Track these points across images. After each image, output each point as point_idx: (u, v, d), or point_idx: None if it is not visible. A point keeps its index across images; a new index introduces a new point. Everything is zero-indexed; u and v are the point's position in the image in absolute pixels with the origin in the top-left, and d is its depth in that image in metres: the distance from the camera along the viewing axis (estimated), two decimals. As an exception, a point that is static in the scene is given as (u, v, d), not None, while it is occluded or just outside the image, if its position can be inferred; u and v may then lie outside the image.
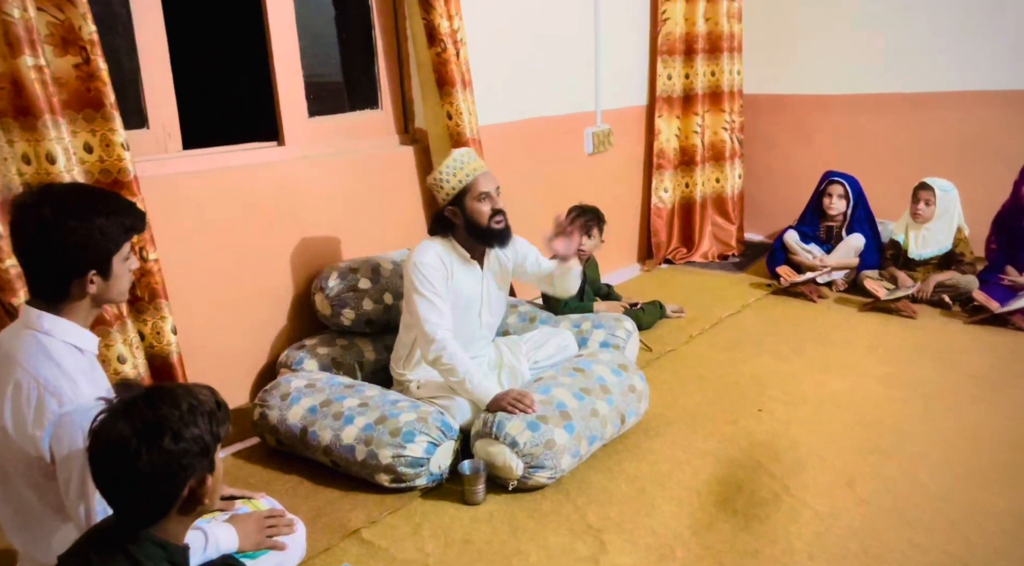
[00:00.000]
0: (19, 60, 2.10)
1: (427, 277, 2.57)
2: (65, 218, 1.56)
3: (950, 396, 2.97)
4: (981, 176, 4.33)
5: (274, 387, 2.69)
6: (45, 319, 1.62)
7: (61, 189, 1.69)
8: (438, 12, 3.12)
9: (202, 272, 2.78)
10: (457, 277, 2.66)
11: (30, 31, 2.13)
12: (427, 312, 2.55)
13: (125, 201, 1.70)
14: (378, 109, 3.45)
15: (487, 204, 2.60)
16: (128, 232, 1.66)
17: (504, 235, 2.66)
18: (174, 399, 1.33)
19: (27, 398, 1.55)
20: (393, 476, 2.38)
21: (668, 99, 4.67)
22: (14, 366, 1.59)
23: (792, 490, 2.37)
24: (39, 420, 1.54)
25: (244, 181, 2.90)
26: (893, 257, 4.17)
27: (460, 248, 2.67)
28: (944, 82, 4.54)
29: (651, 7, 4.59)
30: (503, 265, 2.81)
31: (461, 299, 2.68)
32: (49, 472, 1.58)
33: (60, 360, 1.59)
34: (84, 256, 1.59)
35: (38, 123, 2.16)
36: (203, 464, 1.34)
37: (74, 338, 1.64)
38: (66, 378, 1.57)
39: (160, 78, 2.72)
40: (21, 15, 2.10)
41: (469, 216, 2.60)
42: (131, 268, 1.72)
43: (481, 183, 2.60)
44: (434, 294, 2.57)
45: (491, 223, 2.61)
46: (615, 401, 2.62)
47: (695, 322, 3.86)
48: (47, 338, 1.61)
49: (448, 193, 2.61)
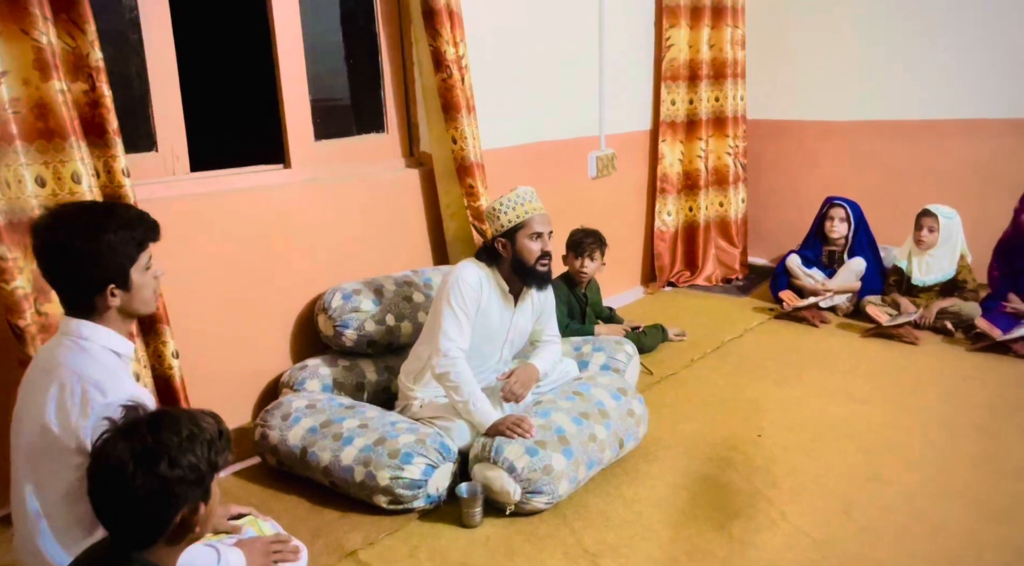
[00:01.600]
0: (49, 85, 2.17)
1: (463, 293, 2.60)
2: (75, 239, 1.63)
3: (951, 424, 2.97)
4: (984, 203, 4.34)
5: (275, 407, 2.72)
6: (84, 326, 1.69)
7: (71, 210, 1.74)
8: (444, 39, 3.17)
9: (207, 292, 2.82)
10: (489, 304, 2.68)
11: (55, 56, 2.20)
12: (450, 326, 2.58)
13: (135, 213, 1.75)
14: (384, 133, 3.50)
15: (538, 244, 2.65)
16: (141, 244, 1.72)
17: (546, 279, 2.71)
18: (176, 425, 1.34)
19: (71, 393, 1.61)
20: (391, 498, 2.39)
21: (672, 124, 4.71)
22: (57, 367, 1.65)
23: (789, 516, 2.37)
24: (84, 410, 1.59)
25: (250, 203, 2.94)
26: (896, 283, 4.18)
27: (501, 280, 2.71)
28: (946, 110, 4.56)
29: (655, 33, 4.65)
30: (534, 310, 2.84)
31: (487, 328, 2.70)
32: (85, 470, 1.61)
33: (101, 359, 1.67)
34: (99, 273, 1.66)
35: (65, 145, 2.22)
36: (197, 493, 1.35)
37: (112, 343, 1.71)
38: (109, 372, 1.64)
39: (169, 102, 2.77)
40: (48, 41, 2.17)
41: (518, 252, 2.64)
42: (156, 275, 1.79)
43: (537, 222, 2.65)
44: (463, 312, 2.60)
45: (537, 264, 2.65)
46: (614, 426, 2.63)
47: (697, 346, 3.87)
48: (86, 342, 1.68)
49: (503, 224, 2.65)
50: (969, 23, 4.40)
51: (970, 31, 4.41)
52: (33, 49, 2.15)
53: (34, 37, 2.14)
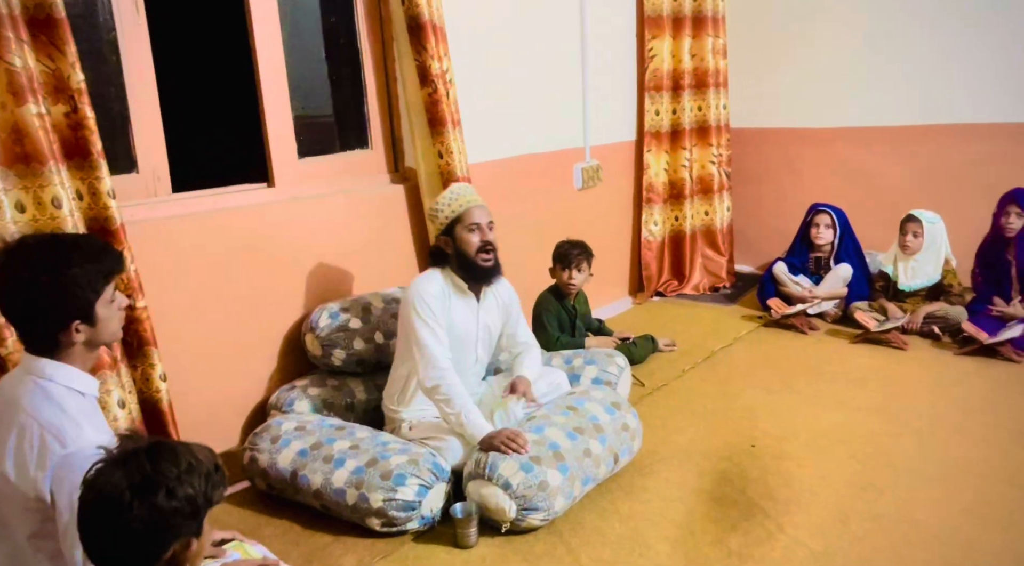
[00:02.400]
0: (23, 109, 2.12)
1: (429, 305, 2.59)
2: (39, 275, 1.56)
3: (942, 430, 2.97)
4: (965, 208, 4.37)
5: (264, 430, 2.67)
6: (46, 366, 1.63)
7: (33, 243, 1.66)
8: (429, 54, 3.16)
9: (192, 315, 2.77)
10: (454, 309, 2.68)
11: (31, 80, 2.16)
12: (429, 339, 2.56)
13: (98, 245, 1.70)
14: (368, 149, 3.48)
15: (477, 235, 2.64)
16: (107, 277, 1.67)
17: (490, 272, 2.69)
18: (174, 456, 1.31)
19: (30, 441, 1.55)
20: (384, 520, 2.36)
21: (656, 134, 4.72)
22: (17, 411, 1.59)
23: (786, 528, 2.36)
24: (42, 462, 1.54)
25: (234, 223, 2.90)
26: (883, 289, 4.20)
27: (457, 280, 2.70)
28: (928, 115, 4.61)
29: (638, 45, 4.67)
30: (499, 306, 2.82)
31: (456, 331, 2.69)
32: (48, 516, 1.57)
33: (62, 403, 1.60)
34: (64, 309, 1.60)
35: (44, 169, 2.17)
36: (191, 527, 1.32)
37: (75, 382, 1.65)
38: (69, 420, 1.58)
39: (149, 123, 2.73)
40: (23, 64, 2.13)
41: (459, 246, 2.65)
42: (120, 307, 1.72)
43: (474, 214, 2.65)
44: (435, 322, 2.59)
45: (478, 256, 2.64)
46: (608, 440, 2.61)
47: (687, 356, 3.87)
48: (48, 383, 1.62)
49: (442, 222, 2.67)
50: (948, 30, 4.45)
51: (950, 37, 4.46)
52: (6, 72, 2.10)
53: (7, 60, 2.10)
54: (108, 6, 2.61)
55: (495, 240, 2.69)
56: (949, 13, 4.44)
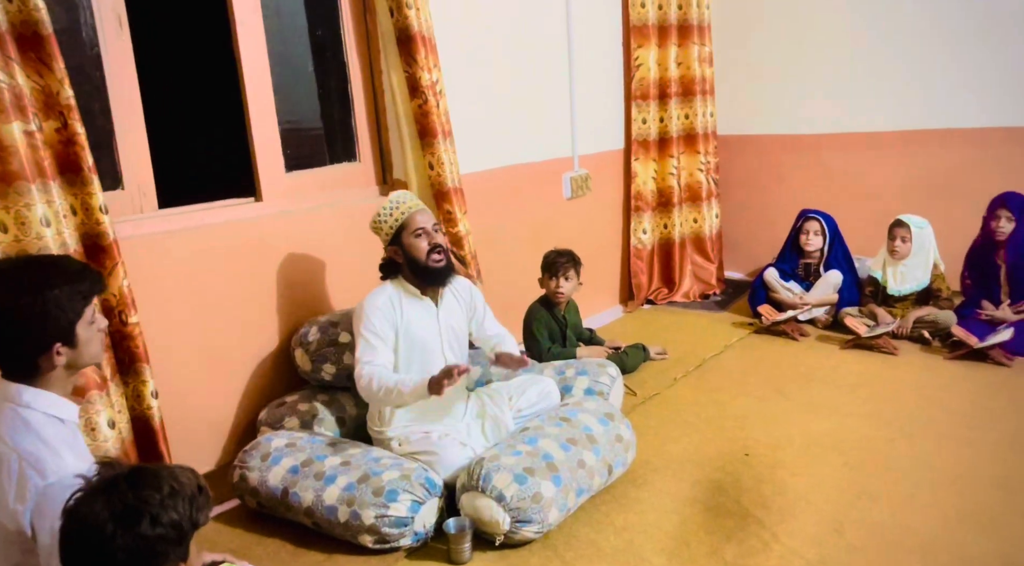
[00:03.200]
0: (8, 126, 2.10)
1: (368, 317, 2.60)
2: (19, 297, 1.54)
3: (934, 435, 2.97)
4: (952, 212, 4.40)
5: (254, 447, 2.64)
6: (24, 392, 1.59)
7: (9, 267, 1.64)
8: (419, 65, 3.15)
9: (180, 331, 2.75)
10: (409, 316, 2.67)
11: (19, 97, 2.13)
12: (362, 352, 2.58)
13: (77, 265, 1.68)
14: (356, 161, 3.47)
15: (424, 240, 2.64)
16: (87, 297, 1.64)
17: (443, 273, 2.69)
18: (156, 481, 1.29)
19: (8, 472, 1.52)
20: (377, 537, 2.33)
21: (644, 142, 4.73)
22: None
23: (781, 538, 2.35)
24: (21, 494, 1.51)
25: (222, 239, 2.88)
26: (872, 294, 4.21)
27: (409, 286, 2.70)
28: (913, 121, 4.64)
29: (624, 54, 4.68)
30: (460, 304, 2.82)
31: (417, 339, 2.67)
32: (29, 548, 1.54)
33: (41, 432, 1.57)
34: (44, 332, 1.57)
35: (31, 187, 2.14)
36: (177, 552, 1.30)
37: (54, 409, 1.62)
38: (48, 450, 1.55)
39: (134, 139, 2.71)
40: (9, 82, 2.10)
41: (408, 252, 2.65)
42: (100, 328, 1.70)
43: (418, 219, 2.66)
44: (371, 333, 2.59)
45: (429, 260, 2.64)
46: (602, 452, 2.59)
47: (679, 364, 3.86)
48: (27, 411, 1.58)
49: (388, 233, 2.68)
50: (935, 35, 4.49)
51: (936, 43, 4.50)
52: None
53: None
54: (91, 22, 2.59)
55: (444, 241, 2.70)
56: (934, 19, 4.47)
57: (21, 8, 2.14)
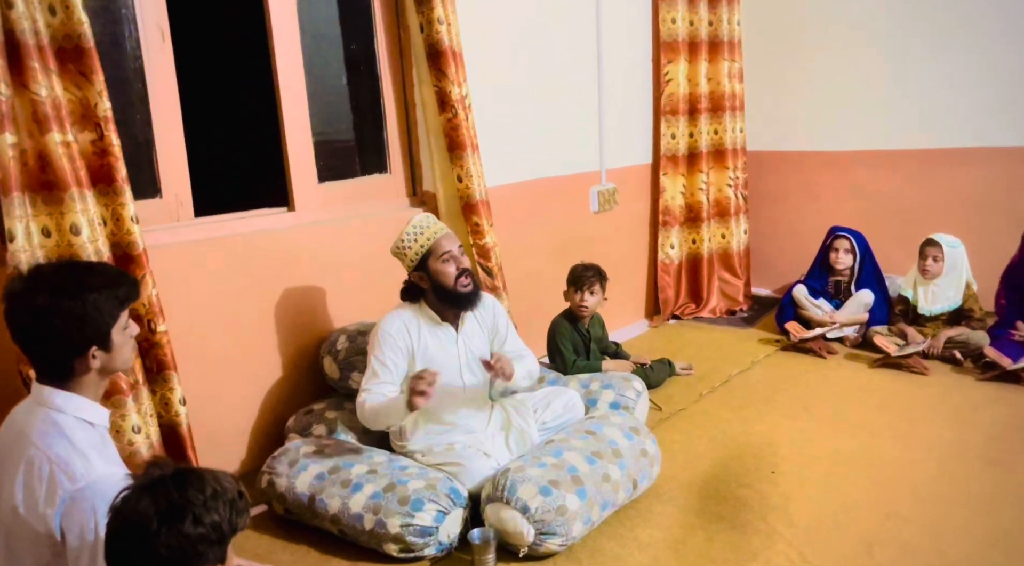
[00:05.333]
0: (48, 137, 2.17)
1: (380, 344, 2.60)
2: (59, 300, 1.57)
3: (966, 457, 2.93)
4: (987, 232, 4.34)
5: (282, 453, 2.68)
6: (57, 396, 1.62)
7: (50, 270, 1.68)
8: (449, 79, 3.20)
9: (211, 337, 2.80)
10: (427, 342, 2.66)
11: (58, 109, 2.20)
12: (366, 379, 2.59)
13: (115, 271, 1.72)
14: (387, 173, 3.51)
15: (452, 265, 2.62)
16: (123, 303, 1.67)
17: (472, 297, 2.67)
18: (200, 482, 1.32)
19: (39, 475, 1.55)
20: (402, 546, 2.35)
21: (672, 157, 4.73)
22: (27, 444, 1.59)
23: (808, 557, 2.32)
24: (51, 497, 1.53)
25: (255, 247, 2.93)
26: (902, 313, 4.16)
27: (430, 312, 2.68)
28: (946, 139, 4.59)
29: (653, 69, 4.69)
30: (482, 327, 2.81)
31: (436, 363, 2.65)
32: (59, 551, 1.56)
33: (72, 436, 1.59)
34: (83, 334, 1.60)
35: (65, 196, 2.21)
36: (216, 553, 1.32)
37: (85, 413, 1.64)
38: (78, 454, 1.57)
39: (173, 149, 2.78)
40: (49, 94, 2.17)
41: (435, 278, 2.62)
42: (132, 335, 1.73)
43: (444, 244, 2.63)
44: (378, 362, 2.59)
45: (458, 285, 2.62)
46: (627, 466, 2.59)
47: (705, 380, 3.84)
48: (58, 415, 1.61)
49: (412, 259, 2.64)
50: (968, 51, 4.44)
51: (971, 60, 4.44)
52: (30, 102, 2.14)
53: (32, 90, 2.14)
54: (136, 35, 2.66)
55: (470, 265, 2.69)
56: (969, 35, 4.43)
57: (65, 22, 2.21)
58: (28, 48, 2.13)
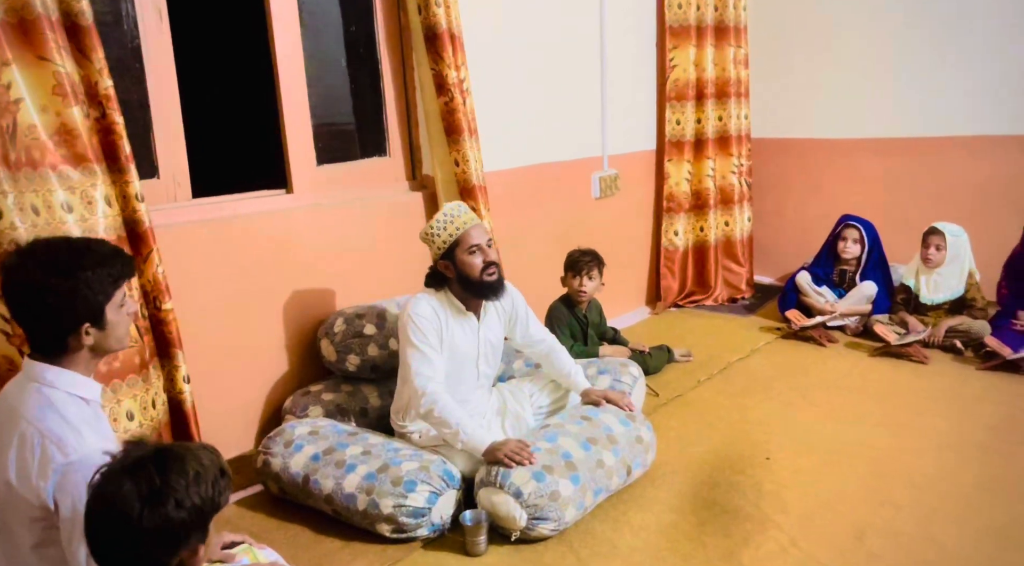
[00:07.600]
0: (70, 111, 2.18)
1: (421, 328, 2.56)
2: (50, 277, 1.58)
3: (964, 446, 2.92)
4: (991, 221, 4.31)
5: (278, 434, 2.69)
6: (48, 371, 1.64)
7: (44, 246, 1.68)
8: (446, 63, 3.18)
9: (208, 319, 2.80)
10: (453, 330, 2.65)
11: (73, 84, 2.20)
12: (419, 365, 2.54)
13: (110, 249, 1.71)
14: (386, 156, 3.50)
15: (479, 257, 2.59)
16: (117, 281, 1.68)
17: (497, 287, 2.66)
18: (182, 464, 1.31)
19: (31, 449, 1.57)
20: (394, 526, 2.36)
21: (677, 144, 4.70)
22: (19, 419, 1.60)
23: (800, 543, 2.33)
24: (43, 471, 1.55)
25: (253, 229, 2.93)
26: (904, 302, 4.14)
27: (455, 301, 2.67)
28: (951, 127, 4.55)
29: (658, 54, 4.66)
30: (500, 317, 2.81)
31: (457, 352, 2.66)
32: (52, 523, 1.58)
33: (64, 411, 1.61)
34: (74, 311, 1.61)
35: (97, 168, 2.25)
36: (199, 535, 1.33)
37: (77, 389, 1.66)
38: (70, 428, 1.59)
39: (171, 129, 2.77)
40: (65, 70, 2.17)
41: (461, 269, 2.60)
42: (128, 312, 1.73)
43: (473, 235, 2.60)
44: (427, 346, 2.55)
45: (483, 276, 2.60)
46: (622, 452, 2.59)
47: (703, 367, 3.83)
48: (50, 390, 1.63)
49: (440, 247, 2.61)
50: (975, 40, 4.40)
51: (976, 48, 4.40)
52: (54, 75, 2.15)
53: (55, 62, 2.14)
54: (133, 14, 2.65)
55: (497, 257, 2.65)
56: (975, 23, 4.38)
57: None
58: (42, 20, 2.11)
